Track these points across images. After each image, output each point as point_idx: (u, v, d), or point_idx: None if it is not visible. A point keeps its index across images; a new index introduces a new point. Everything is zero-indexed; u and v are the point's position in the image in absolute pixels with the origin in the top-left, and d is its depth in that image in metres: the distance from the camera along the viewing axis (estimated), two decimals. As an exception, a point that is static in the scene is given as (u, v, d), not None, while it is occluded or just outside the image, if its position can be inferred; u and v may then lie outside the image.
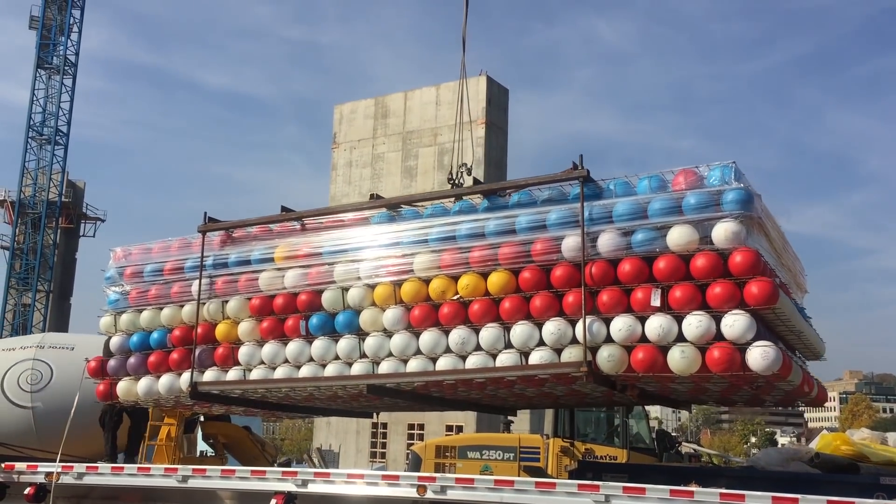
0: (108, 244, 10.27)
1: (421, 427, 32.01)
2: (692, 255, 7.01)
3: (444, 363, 7.83)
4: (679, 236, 7.07)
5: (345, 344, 8.33)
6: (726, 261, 6.92)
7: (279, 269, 8.84)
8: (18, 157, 58.41)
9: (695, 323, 6.87)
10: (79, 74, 59.41)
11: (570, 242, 7.43)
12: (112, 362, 9.75)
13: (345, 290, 8.46)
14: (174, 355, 9.27)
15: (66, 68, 58.55)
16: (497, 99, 32.67)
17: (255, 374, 8.78)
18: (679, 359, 6.89)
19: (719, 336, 6.82)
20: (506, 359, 7.58)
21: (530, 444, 14.56)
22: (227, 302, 9.09)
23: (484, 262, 7.79)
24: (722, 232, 6.90)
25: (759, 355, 6.69)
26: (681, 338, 6.95)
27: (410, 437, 31.55)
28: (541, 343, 7.47)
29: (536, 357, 7.43)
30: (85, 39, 59.87)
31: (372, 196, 8.74)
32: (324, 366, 8.44)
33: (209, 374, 9.03)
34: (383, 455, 31.90)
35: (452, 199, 8.49)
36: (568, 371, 7.25)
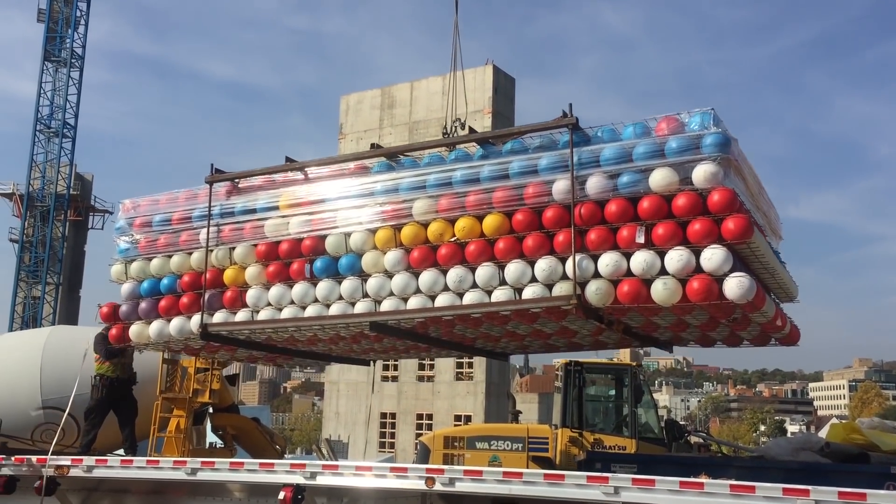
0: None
1: (429, 417, 32.54)
2: (674, 196, 7.54)
3: (442, 300, 8.36)
4: (661, 178, 7.59)
5: (348, 285, 8.83)
6: (705, 200, 7.46)
7: (284, 216, 9.30)
8: (27, 151, 58.40)
9: (676, 257, 7.42)
10: (85, 67, 59.35)
11: (560, 186, 7.95)
12: (124, 307, 10.21)
13: (347, 234, 8.95)
14: (184, 299, 9.75)
15: (73, 61, 58.54)
16: (504, 88, 32.85)
17: (263, 315, 9.28)
18: (662, 290, 7.45)
19: (699, 269, 7.39)
20: (500, 294, 8.11)
21: (539, 435, 14.55)
22: (234, 248, 9.56)
23: (479, 206, 8.29)
24: (701, 173, 7.43)
25: (736, 285, 7.25)
26: (663, 272, 7.51)
27: (419, 427, 32.09)
28: (533, 280, 8.01)
29: (529, 292, 7.97)
30: (90, 31, 59.66)
31: (372, 146, 9.19)
32: (328, 306, 8.95)
33: (218, 316, 9.52)
34: (392, 445, 32.40)
35: (448, 149, 8.96)
36: (559, 304, 7.79)
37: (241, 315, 9.42)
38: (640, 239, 7.61)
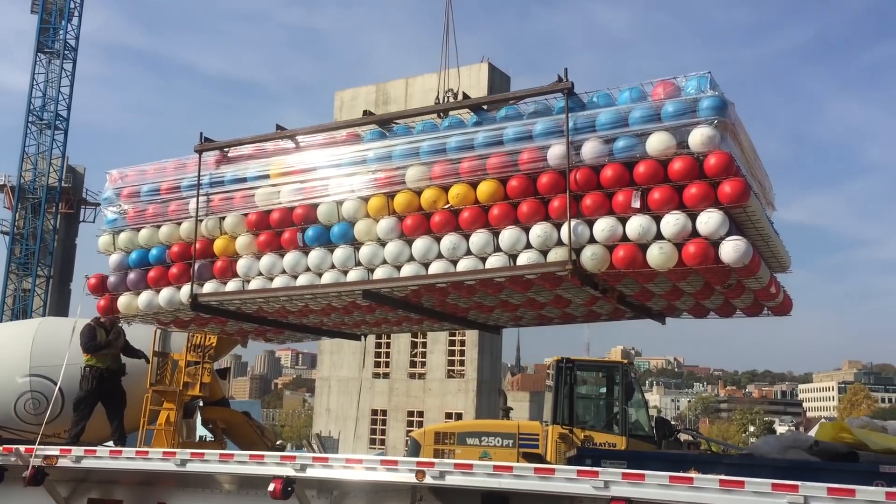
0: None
1: (420, 414, 32.60)
2: (670, 160, 7.49)
3: (436, 268, 8.28)
4: (658, 142, 7.54)
5: (340, 253, 8.74)
6: (702, 164, 7.41)
7: (275, 184, 9.19)
8: (18, 142, 57.96)
9: (672, 221, 7.38)
10: (78, 59, 58.80)
11: (556, 151, 7.88)
12: (112, 278, 10.08)
13: (339, 203, 8.85)
14: (173, 270, 9.63)
15: (66, 53, 58.03)
16: (499, 86, 32.63)
17: (253, 284, 9.18)
18: (658, 254, 7.40)
19: (695, 234, 7.34)
20: (495, 261, 8.04)
21: (529, 431, 14.67)
22: (224, 218, 9.44)
23: (473, 173, 8.21)
24: (698, 136, 7.37)
25: (732, 248, 7.22)
26: (659, 236, 7.47)
27: (410, 424, 32.07)
28: (528, 247, 7.95)
29: (524, 258, 7.91)
30: (83, 23, 59.27)
31: (365, 113, 9.08)
32: (320, 275, 8.85)
33: (208, 287, 9.41)
34: (382, 442, 32.41)
35: (441, 116, 8.87)
36: (554, 270, 7.73)
37: (232, 285, 9.32)
38: (636, 203, 7.56)
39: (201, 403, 13.70)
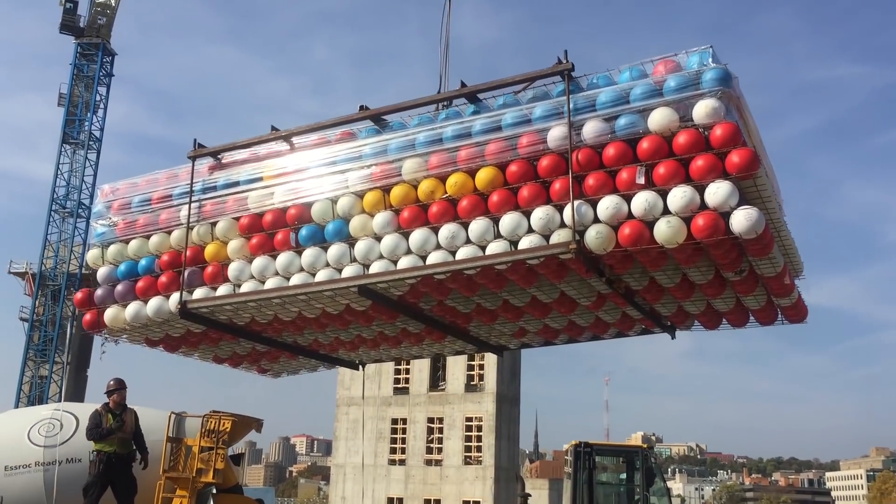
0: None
1: (437, 502, 32.09)
2: (674, 135, 7.24)
3: (434, 258, 7.94)
4: (661, 117, 7.30)
5: (335, 250, 8.42)
6: (708, 138, 7.15)
7: (268, 186, 8.94)
8: (40, 230, 58.39)
9: (679, 194, 7.07)
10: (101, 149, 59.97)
11: (556, 132, 7.65)
12: (99, 291, 9.73)
13: (334, 200, 8.58)
14: (162, 279, 9.29)
15: (90, 143, 59.13)
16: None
17: (245, 288, 8.82)
18: (665, 229, 7.07)
19: (704, 209, 7.03)
20: (496, 247, 7.71)
21: None
22: (215, 224, 9.15)
23: (471, 160, 7.96)
24: (702, 108, 7.13)
25: (744, 217, 6.89)
26: (667, 212, 7.15)
27: None
28: (529, 231, 7.63)
29: (526, 243, 7.58)
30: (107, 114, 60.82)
31: (361, 108, 8.88)
32: (314, 274, 8.51)
33: (198, 293, 9.05)
34: None
35: (438, 108, 8.67)
36: (558, 251, 7.38)
37: (223, 290, 8.96)
38: (641, 180, 7.28)
39: (215, 490, 13.28)
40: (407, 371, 38.89)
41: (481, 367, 37.26)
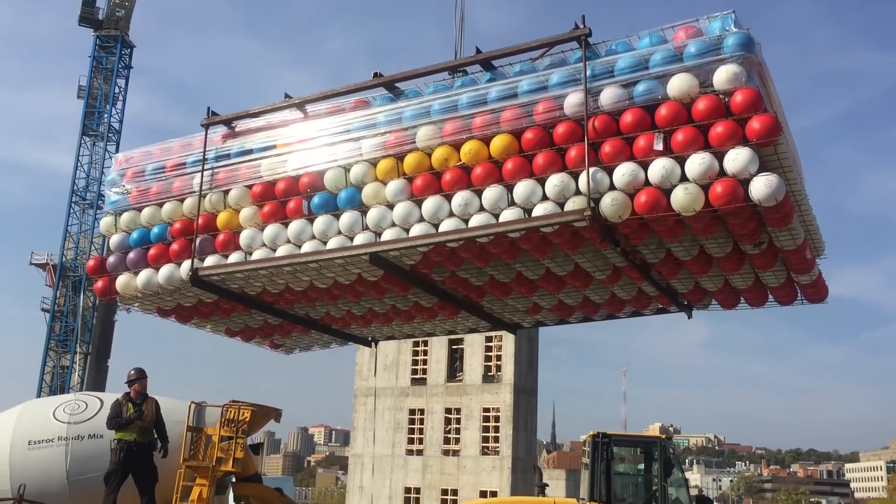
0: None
1: (454, 493, 32.09)
2: (693, 101, 7.06)
3: (447, 226, 7.82)
4: (681, 83, 7.13)
5: (347, 217, 8.32)
6: (728, 106, 6.98)
7: (281, 154, 8.85)
8: (60, 222, 58.98)
9: (698, 161, 6.91)
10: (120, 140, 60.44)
11: (573, 99, 7.49)
12: (111, 259, 9.71)
13: (347, 168, 8.48)
14: (174, 246, 9.24)
15: (109, 135, 59.62)
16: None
17: (257, 256, 8.74)
18: (683, 196, 6.91)
19: (722, 176, 6.86)
20: (509, 215, 7.58)
21: None
22: (228, 192, 9.08)
23: (486, 128, 7.82)
24: (723, 74, 6.96)
25: (763, 183, 6.72)
26: (684, 181, 6.99)
27: (444, 503, 31.57)
28: (544, 199, 7.49)
29: (540, 210, 7.44)
30: (126, 106, 61.29)
31: (375, 75, 8.75)
32: (325, 243, 8.42)
33: (210, 261, 8.99)
34: None
35: (453, 76, 8.54)
36: (572, 219, 7.24)
37: (234, 258, 8.88)
38: (659, 146, 7.11)
39: (234, 479, 13.33)
40: (424, 362, 38.81)
41: (499, 357, 37.11)
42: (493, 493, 29.90)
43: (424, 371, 38.92)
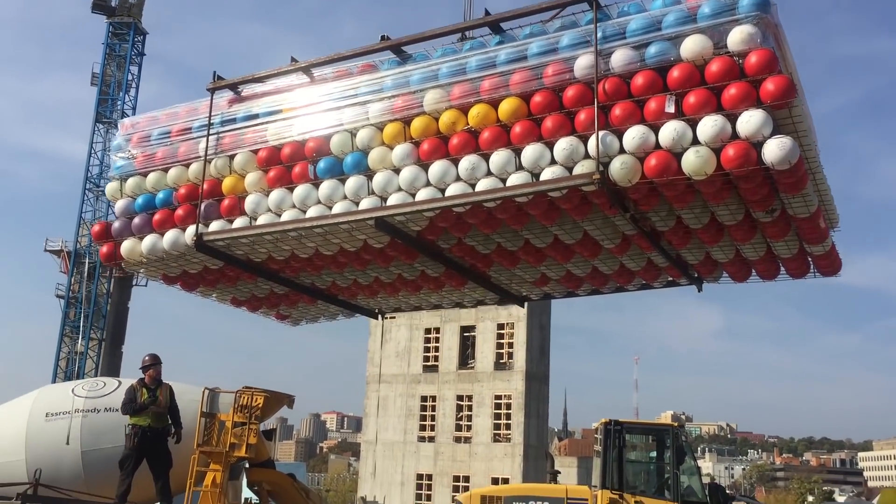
0: (160, 293, 10.24)
1: (466, 479, 32.19)
2: (707, 63, 6.90)
3: (454, 190, 7.69)
4: (694, 45, 6.97)
5: (353, 182, 8.20)
6: (742, 68, 6.81)
7: (287, 118, 8.74)
8: (75, 209, 59.13)
9: (710, 123, 6.75)
10: None
11: (583, 61, 7.34)
12: (116, 224, 9.64)
13: (353, 132, 8.36)
14: (179, 211, 9.17)
15: None
16: None
17: (262, 221, 8.65)
18: (694, 159, 6.76)
19: (735, 139, 6.70)
20: (517, 179, 7.44)
21: (578, 496, 13.94)
22: (233, 157, 8.99)
23: (494, 91, 7.68)
24: (738, 34, 6.79)
25: (777, 146, 6.56)
26: (696, 144, 6.83)
27: (455, 489, 31.68)
28: (552, 163, 7.35)
29: (548, 174, 7.30)
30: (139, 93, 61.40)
31: (382, 38, 8.62)
32: (331, 207, 8.31)
33: (214, 226, 8.90)
34: None
35: (462, 39, 8.40)
36: (581, 183, 7.10)
37: (240, 223, 8.79)
38: (670, 108, 6.95)
39: (247, 465, 13.36)
40: (436, 349, 38.80)
41: (510, 345, 37.05)
42: (505, 480, 29.88)
43: (436, 358, 38.91)
